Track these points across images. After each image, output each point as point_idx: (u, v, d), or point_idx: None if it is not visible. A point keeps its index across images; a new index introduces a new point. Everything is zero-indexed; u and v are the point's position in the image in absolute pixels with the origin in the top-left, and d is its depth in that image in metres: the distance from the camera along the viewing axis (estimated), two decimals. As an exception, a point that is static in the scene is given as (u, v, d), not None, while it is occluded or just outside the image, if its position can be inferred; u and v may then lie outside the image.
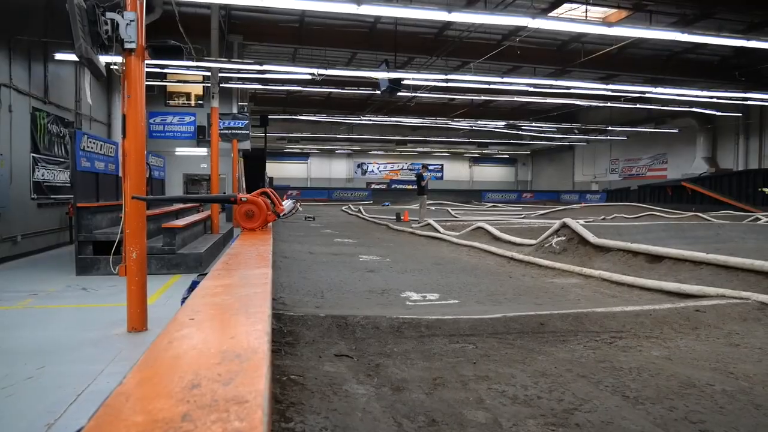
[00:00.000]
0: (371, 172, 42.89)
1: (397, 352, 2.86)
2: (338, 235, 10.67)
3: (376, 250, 8.20)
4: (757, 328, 3.52)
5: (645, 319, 3.60)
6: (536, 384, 2.39)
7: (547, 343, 3.10)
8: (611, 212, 17.09)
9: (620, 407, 2.15)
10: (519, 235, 8.61)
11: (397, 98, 21.81)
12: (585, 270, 5.83)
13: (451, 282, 5.49)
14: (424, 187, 14.99)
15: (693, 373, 2.59)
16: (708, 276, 5.14)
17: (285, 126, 34.02)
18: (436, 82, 17.72)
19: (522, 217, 16.31)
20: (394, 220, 14.55)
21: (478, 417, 2.02)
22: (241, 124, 14.99)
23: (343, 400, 2.11)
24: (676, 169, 29.33)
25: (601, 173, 35.82)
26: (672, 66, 20.75)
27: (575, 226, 7.11)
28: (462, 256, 7.56)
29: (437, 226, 11.11)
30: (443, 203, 25.37)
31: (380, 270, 6.27)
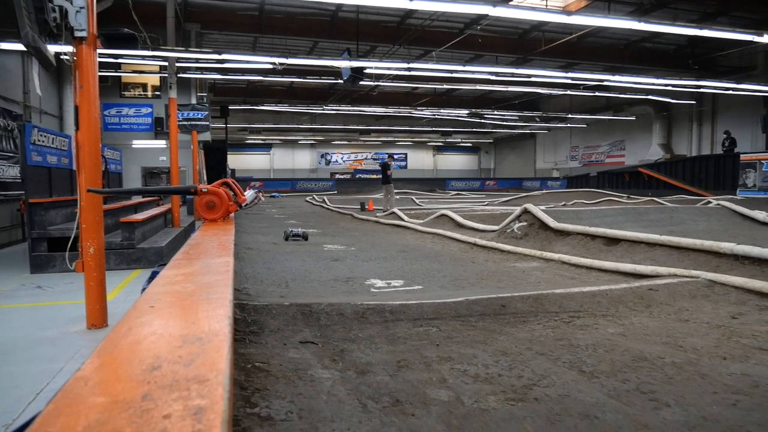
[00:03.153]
0: (335, 162, 42.70)
1: (362, 337, 2.89)
2: (303, 226, 10.62)
3: (340, 240, 8.20)
4: (705, 304, 3.68)
5: (602, 298, 3.72)
6: (497, 363, 2.46)
7: (508, 324, 3.17)
8: (572, 198, 17.46)
9: (576, 381, 2.23)
10: (482, 222, 8.74)
11: (359, 87, 21.74)
12: (545, 254, 5.97)
13: (415, 268, 5.55)
14: (390, 176, 15.04)
15: (645, 348, 2.70)
16: (661, 257, 5.33)
17: (246, 117, 33.54)
18: (399, 70, 17.72)
19: (485, 205, 16.52)
20: (358, 209, 14.56)
21: (441, 395, 2.07)
22: (200, 115, 14.70)
23: (308, 384, 2.13)
24: (634, 156, 30.12)
25: (562, 160, 36.51)
26: (630, 54, 21.25)
27: (536, 212, 7.26)
28: (426, 243, 7.64)
29: (401, 214, 11.17)
30: (407, 192, 25.48)
31: (345, 259, 6.29)
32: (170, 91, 12.01)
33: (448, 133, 40.17)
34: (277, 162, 41.47)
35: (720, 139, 23.97)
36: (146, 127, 17.61)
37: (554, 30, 18.47)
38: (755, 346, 2.75)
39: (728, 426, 1.85)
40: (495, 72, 19.01)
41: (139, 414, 0.77)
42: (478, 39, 17.64)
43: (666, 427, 1.83)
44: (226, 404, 0.78)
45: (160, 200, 12.99)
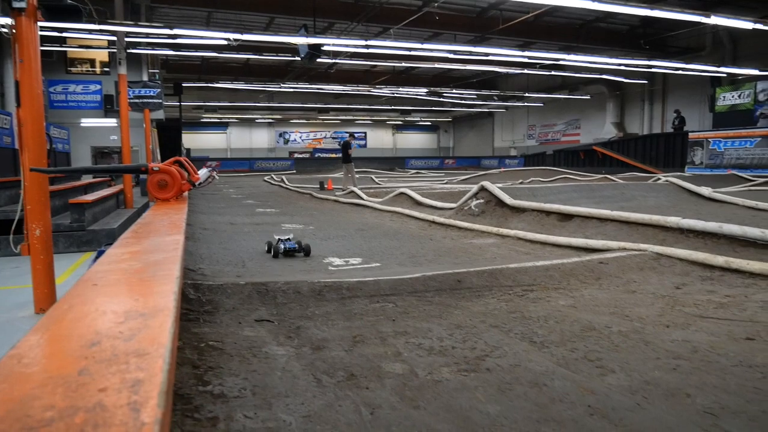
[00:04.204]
0: (294, 141, 42.16)
1: (319, 314, 2.89)
2: (260, 206, 10.50)
3: (299, 219, 8.14)
4: (652, 275, 3.82)
5: (554, 272, 3.81)
6: (451, 336, 2.50)
7: (463, 299, 3.22)
8: (528, 176, 17.77)
9: (527, 351, 2.29)
10: (440, 200, 8.81)
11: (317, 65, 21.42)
12: (502, 230, 6.07)
13: (373, 246, 5.56)
14: (351, 155, 14.96)
15: (594, 318, 2.79)
16: (612, 231, 5.49)
17: (201, 94, 32.66)
18: (357, 48, 17.54)
19: (444, 183, 16.66)
20: (317, 189, 14.46)
21: (395, 369, 2.09)
22: (152, 93, 14.23)
23: (263, 361, 2.12)
24: (588, 134, 30.78)
25: (519, 139, 37.02)
26: (585, 34, 21.57)
27: (493, 189, 7.35)
28: (385, 222, 7.66)
29: (360, 193, 11.16)
30: (367, 171, 25.42)
31: (303, 238, 6.22)
32: (120, 67, 11.55)
33: (407, 111, 40.14)
34: (234, 141, 40.67)
35: (670, 118, 24.68)
36: (95, 105, 16.96)
37: (511, 9, 18.56)
38: (696, 314, 2.88)
39: (668, 389, 1.93)
40: (453, 50, 19.02)
41: (74, 388, 0.74)
42: (436, 17, 17.58)
43: (610, 391, 1.91)
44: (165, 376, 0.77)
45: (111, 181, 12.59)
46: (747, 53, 20.89)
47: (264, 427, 1.58)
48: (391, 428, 1.61)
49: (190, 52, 20.54)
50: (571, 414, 1.73)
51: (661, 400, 1.85)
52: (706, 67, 19.99)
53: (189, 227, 6.55)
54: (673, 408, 1.79)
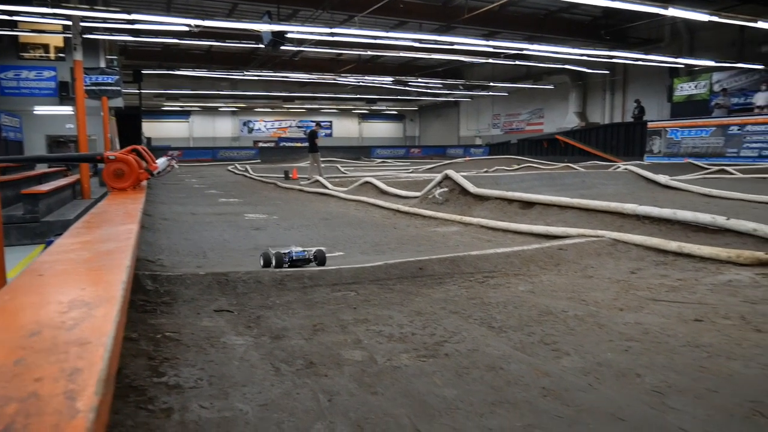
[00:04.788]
0: (258, 130, 41.57)
1: (279, 303, 2.87)
2: (223, 195, 10.35)
3: (262, 209, 8.06)
4: (609, 261, 3.92)
5: (515, 259, 3.87)
6: (411, 322, 2.52)
7: (425, 286, 3.25)
8: (493, 165, 17.96)
9: (486, 336, 2.33)
10: (405, 189, 8.84)
11: (282, 52, 21.17)
12: (465, 218, 6.13)
13: (337, 235, 5.55)
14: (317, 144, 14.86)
15: (551, 303, 2.85)
16: (572, 218, 5.61)
17: (162, 82, 31.88)
18: (322, 36, 17.37)
19: (410, 172, 16.71)
20: (282, 178, 14.33)
21: (355, 356, 2.10)
22: (111, 80, 13.83)
23: (221, 351, 2.10)
24: (552, 124, 31.23)
25: (485, 128, 37.34)
26: (549, 24, 21.80)
27: (456, 178, 7.41)
28: (350, 211, 7.64)
29: (325, 182, 11.10)
30: (333, 160, 25.30)
31: (266, 227, 6.19)
32: (75, 53, 11.17)
33: (373, 100, 40.01)
34: (196, 130, 39.87)
35: (630, 108, 25.20)
36: (50, 92, 16.37)
37: (476, -2, 18.63)
38: (649, 297, 2.97)
39: (619, 370, 1.99)
40: (419, 39, 19.00)
41: (8, 379, 0.72)
42: (401, 5, 17.52)
43: (564, 373, 1.95)
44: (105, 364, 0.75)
45: (67, 171, 12.21)
46: (704, 45, 21.45)
47: (219, 416, 1.57)
48: (349, 414, 1.62)
49: (150, 39, 20.02)
50: (526, 396, 1.77)
51: (612, 380, 1.91)
52: (665, 58, 20.47)
53: (148, 218, 6.42)
54: (623, 387, 1.84)
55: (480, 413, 1.64)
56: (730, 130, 18.21)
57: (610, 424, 1.59)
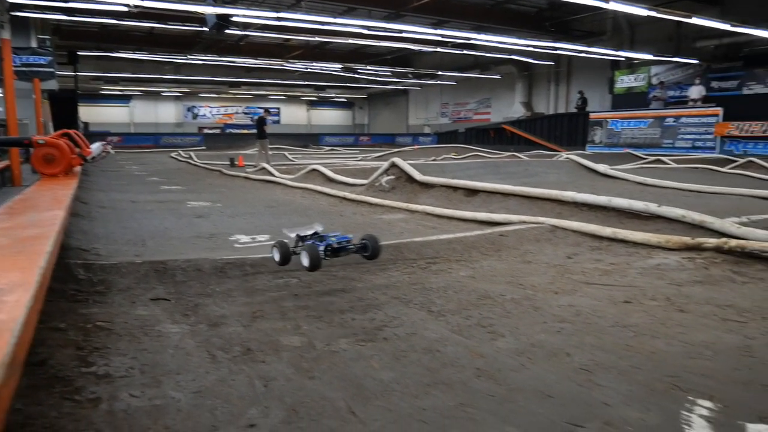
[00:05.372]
0: (203, 116, 40.44)
1: (219, 291, 2.82)
2: (166, 183, 10.05)
3: (206, 196, 7.87)
4: (547, 247, 4.04)
5: (457, 245, 3.94)
6: (352, 308, 2.53)
7: (368, 272, 3.26)
8: (441, 153, 18.15)
9: (425, 320, 2.36)
10: (352, 176, 8.82)
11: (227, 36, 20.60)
12: (411, 205, 6.17)
13: (282, 223, 5.48)
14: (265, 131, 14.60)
15: (490, 287, 2.91)
16: (514, 205, 5.74)
17: (101, 65, 30.49)
18: (268, 20, 17.00)
19: (359, 160, 16.67)
20: (228, 165, 14.02)
21: (293, 342, 2.09)
22: (43, 61, 13.10)
23: (155, 340, 2.05)
24: (499, 113, 31.74)
25: (433, 117, 37.60)
26: (496, 15, 22.05)
27: (403, 165, 7.45)
28: (296, 198, 7.57)
29: (272, 169, 10.95)
30: (281, 147, 24.93)
31: (210, 215, 6.06)
32: (2, 31, 10.52)
33: (322, 87, 39.58)
34: (138, 115, 38.43)
35: (574, 99, 25.90)
36: (-24, 73, 15.38)
37: (426, -14, 18.64)
38: (582, 281, 3.08)
39: (551, 350, 2.06)
40: (368, 26, 18.88)
41: None
42: (349, -10, 17.35)
43: (498, 354, 2.01)
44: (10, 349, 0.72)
45: (-4, 156, 11.54)
46: (643, 39, 22.20)
47: (150, 404, 1.54)
48: (284, 399, 1.62)
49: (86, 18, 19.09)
50: (460, 377, 1.81)
51: (544, 360, 1.97)
52: (607, 51, 21.09)
53: (84, 206, 6.17)
54: (554, 366, 1.91)
55: (415, 394, 1.67)
56: (666, 121, 19.02)
57: (538, 401, 1.65)
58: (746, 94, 17.81)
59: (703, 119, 17.80)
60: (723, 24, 14.24)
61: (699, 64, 19.04)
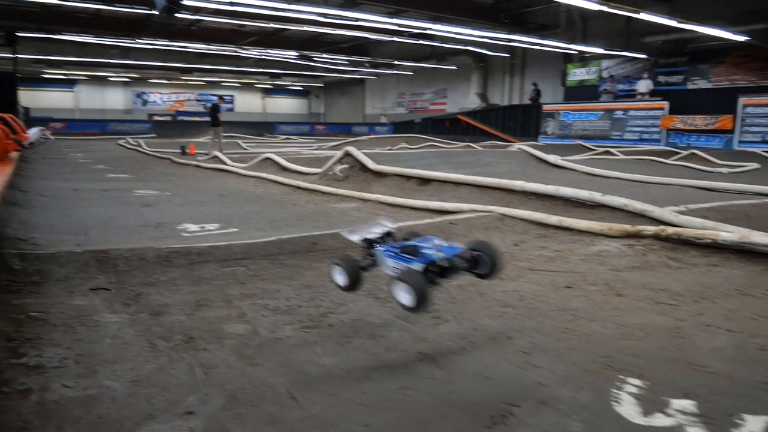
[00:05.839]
0: (153, 103, 39.26)
1: (163, 280, 2.77)
2: (112, 171, 9.73)
3: (155, 185, 7.67)
4: (495, 234, 4.12)
5: (407, 233, 3.97)
6: (299, 295, 2.52)
7: (317, 260, 3.26)
8: (397, 143, 18.20)
9: (370, 306, 2.38)
10: (306, 165, 8.75)
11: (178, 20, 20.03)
12: (364, 194, 6.18)
13: (233, 212, 5.41)
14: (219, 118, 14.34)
15: (437, 274, 2.95)
16: (466, 194, 5.82)
17: (43, 47, 29.13)
18: (221, 4, 16.61)
19: (314, 149, 16.54)
20: (179, 153, 13.68)
21: (237, 329, 2.08)
22: (-21, 41, 12.44)
23: (92, 330, 2.00)
24: (455, 104, 32.03)
25: (390, 106, 37.63)
26: (452, 5, 22.13)
27: (357, 154, 7.44)
28: (248, 187, 7.47)
29: (224, 158, 10.75)
30: (235, 136, 24.49)
31: (157, 204, 5.91)
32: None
33: (277, 75, 39.00)
34: (83, 101, 36.97)
35: (528, 91, 26.37)
36: None
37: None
38: (528, 267, 3.16)
39: (492, 333, 2.11)
40: (324, 13, 18.68)
41: None
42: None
43: (441, 338, 2.05)
44: None
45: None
46: (595, 33, 22.73)
47: (84, 395, 1.50)
48: (225, 385, 1.60)
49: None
50: (403, 360, 1.84)
51: (485, 343, 2.02)
52: (560, 44, 21.52)
53: (23, 194, 5.93)
54: (494, 349, 1.96)
55: (357, 379, 1.69)
56: (615, 114, 19.60)
57: (477, 383, 1.69)
58: (690, 89, 18.53)
59: (650, 112, 18.43)
60: (670, 20, 14.71)
61: (647, 58, 19.65)
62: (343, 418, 1.46)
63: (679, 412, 1.55)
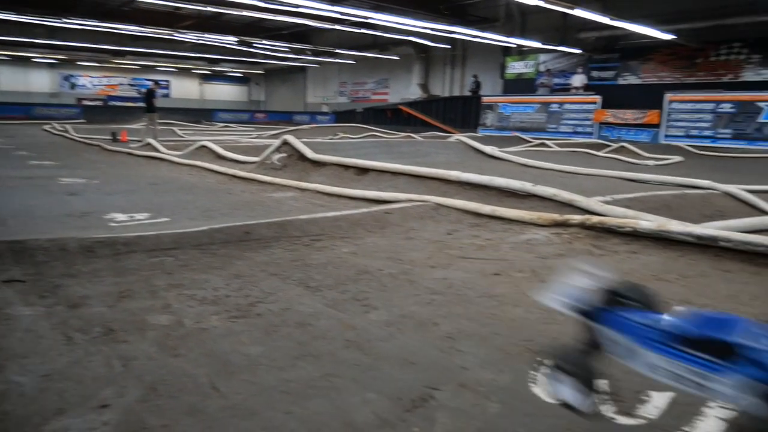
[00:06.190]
0: (83, 87, 37.35)
1: (85, 271, 2.66)
2: (36, 158, 9.20)
3: (82, 173, 7.33)
4: (429, 223, 4.18)
5: (342, 222, 3.97)
6: (228, 285, 2.48)
7: (249, 250, 3.21)
8: (338, 133, 18.11)
9: (301, 295, 2.38)
10: (244, 154, 8.59)
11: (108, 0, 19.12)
12: (302, 184, 6.13)
13: (165, 201, 5.25)
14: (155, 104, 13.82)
15: (370, 263, 2.98)
16: (403, 184, 5.87)
17: (-42, 24, 27.19)
18: (155, -15, 15.96)
19: (254, 138, 16.23)
20: (109, 140, 13.11)
21: (161, 320, 2.03)
22: None
23: (2, 323, 1.90)
24: (397, 94, 32.13)
25: (331, 95, 37.34)
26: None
27: (295, 143, 7.36)
28: (182, 176, 7.26)
29: (158, 145, 10.39)
30: (170, 122, 23.69)
31: (84, 193, 5.66)
32: None
33: (215, 60, 37.89)
34: (4, 83, 34.69)
35: (469, 83, 26.76)
36: None
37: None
38: (458, 256, 3.23)
39: (420, 320, 2.15)
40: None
41: None
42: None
43: (369, 326, 2.07)
44: None
45: None
46: (533, 27, 23.27)
47: (-11, 391, 1.43)
48: (144, 377, 1.57)
49: (-62, -30, 16.88)
50: (329, 348, 1.84)
51: (412, 329, 2.06)
52: (499, 37, 21.92)
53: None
54: (420, 335, 2.00)
55: (282, 367, 1.68)
56: (551, 107, 20.20)
57: (401, 368, 1.72)
58: (621, 84, 19.32)
59: (584, 106, 19.10)
60: (602, 17, 15.27)
61: (582, 54, 20.32)
62: (266, 406, 1.45)
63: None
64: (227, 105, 40.18)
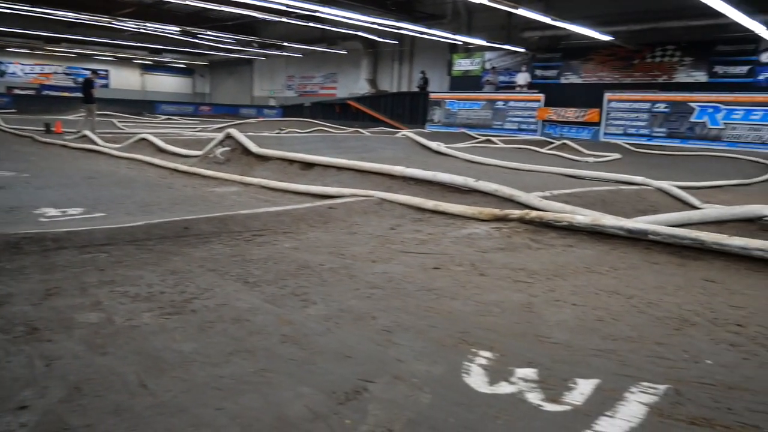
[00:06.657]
0: (13, 74, 35.40)
1: (10, 268, 2.54)
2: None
3: (11, 165, 6.96)
4: (373, 218, 4.20)
5: (285, 217, 3.94)
6: (163, 281, 2.43)
7: (188, 245, 3.14)
8: (286, 127, 17.88)
9: (238, 291, 2.35)
10: (187, 147, 8.37)
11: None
12: (246, 178, 6.03)
13: (101, 195, 5.06)
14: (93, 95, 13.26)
15: (312, 258, 2.97)
16: (348, 179, 5.87)
17: None
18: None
19: (198, 131, 15.83)
20: (42, 131, 12.50)
21: (90, 318, 1.96)
22: None
23: None
24: (345, 89, 32.00)
25: (279, 89, 36.83)
26: (344, -12, 22.03)
27: (239, 137, 7.23)
28: (120, 169, 7.01)
29: (95, 137, 9.99)
30: (110, 114, 22.80)
31: (12, 186, 5.38)
32: None
33: (157, 51, 36.69)
34: (-75, 69, 32.61)
35: (417, 78, 26.95)
36: None
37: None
38: (400, 250, 3.26)
39: (358, 314, 2.16)
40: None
41: None
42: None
43: (307, 320, 2.06)
44: None
45: None
46: (479, 25, 23.62)
47: None
48: (68, 377, 1.51)
49: None
50: (265, 343, 1.83)
51: (350, 323, 2.07)
52: (446, 34, 22.15)
53: None
54: (358, 329, 2.01)
55: (215, 363, 1.66)
56: (496, 104, 20.59)
57: (337, 362, 1.73)
58: (563, 83, 19.91)
59: (528, 104, 19.56)
60: (545, 17, 15.68)
61: (526, 52, 20.79)
62: (196, 403, 1.43)
63: (521, 380, 1.68)
64: (170, 97, 38.95)
